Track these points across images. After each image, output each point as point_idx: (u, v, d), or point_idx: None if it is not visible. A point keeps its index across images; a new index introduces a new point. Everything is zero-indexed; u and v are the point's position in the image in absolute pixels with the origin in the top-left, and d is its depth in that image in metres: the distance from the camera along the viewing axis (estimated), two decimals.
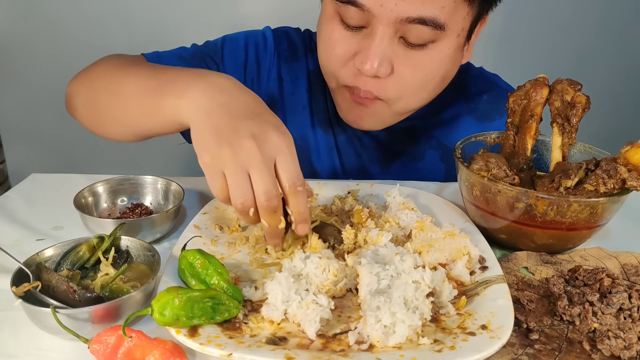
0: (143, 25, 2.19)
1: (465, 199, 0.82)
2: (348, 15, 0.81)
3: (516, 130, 0.85)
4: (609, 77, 2.42)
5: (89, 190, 0.83)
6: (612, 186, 0.71)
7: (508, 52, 2.26)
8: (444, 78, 0.90)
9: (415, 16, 0.77)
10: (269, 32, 1.10)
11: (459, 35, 0.84)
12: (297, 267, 0.64)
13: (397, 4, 0.76)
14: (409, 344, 0.55)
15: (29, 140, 2.29)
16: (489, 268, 0.68)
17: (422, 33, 0.79)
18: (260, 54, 1.08)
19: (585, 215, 0.71)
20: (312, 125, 1.10)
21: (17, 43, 2.21)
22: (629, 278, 0.71)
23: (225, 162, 0.62)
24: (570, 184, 0.73)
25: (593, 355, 0.56)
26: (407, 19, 0.77)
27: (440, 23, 0.78)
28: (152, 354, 0.52)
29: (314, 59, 1.09)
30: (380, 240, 0.70)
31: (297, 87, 1.10)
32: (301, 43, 1.11)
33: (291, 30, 1.13)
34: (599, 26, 2.33)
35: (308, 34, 1.13)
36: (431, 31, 0.79)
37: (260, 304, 0.61)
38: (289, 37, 1.11)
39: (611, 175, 0.71)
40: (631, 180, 0.70)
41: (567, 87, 0.82)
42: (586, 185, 0.72)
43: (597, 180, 0.71)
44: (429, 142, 1.10)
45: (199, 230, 0.77)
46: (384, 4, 0.77)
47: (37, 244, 0.77)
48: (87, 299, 0.60)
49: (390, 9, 0.77)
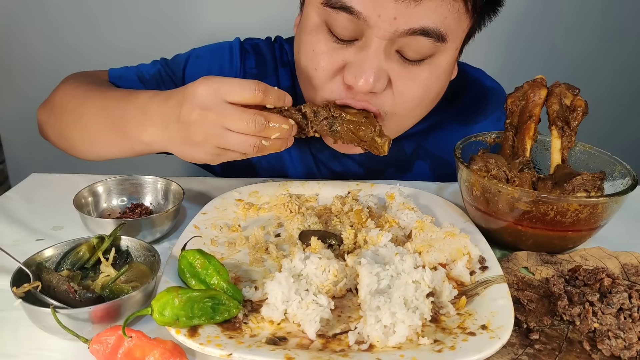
0: (143, 26, 2.19)
1: (465, 199, 0.82)
2: (339, 25, 0.74)
3: (515, 131, 0.86)
4: (610, 77, 2.42)
5: (89, 190, 0.83)
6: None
7: (508, 52, 2.26)
8: (437, 95, 0.85)
9: (418, 27, 0.71)
10: (236, 48, 1.03)
11: (457, 48, 0.80)
12: (297, 268, 0.64)
13: (397, 16, 0.70)
14: (409, 344, 0.55)
15: (29, 140, 2.29)
16: (489, 268, 0.68)
17: (422, 46, 0.74)
18: (225, 74, 1.00)
19: (585, 215, 0.71)
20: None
21: (17, 43, 2.21)
22: (629, 278, 0.71)
23: (207, 152, 0.69)
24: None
25: (593, 355, 0.56)
26: (407, 30, 0.71)
27: (442, 34, 0.73)
28: (152, 354, 0.52)
29: (286, 74, 1.03)
30: (380, 240, 0.70)
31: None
32: (271, 58, 1.04)
33: (262, 42, 1.06)
34: (599, 26, 2.33)
35: (280, 45, 1.06)
36: (432, 44, 0.73)
37: (260, 304, 0.61)
38: (258, 50, 1.04)
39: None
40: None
41: (566, 91, 0.82)
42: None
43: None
44: (416, 152, 1.06)
45: (199, 230, 0.77)
46: (382, 14, 0.70)
47: (37, 244, 0.77)
48: (88, 299, 0.60)
49: (389, 22, 0.71)
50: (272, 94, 0.69)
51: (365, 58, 0.74)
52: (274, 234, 0.80)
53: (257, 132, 0.68)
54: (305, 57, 0.80)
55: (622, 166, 0.81)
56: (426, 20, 0.71)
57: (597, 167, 0.84)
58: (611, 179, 0.81)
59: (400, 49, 0.75)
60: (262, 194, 0.89)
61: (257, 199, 0.88)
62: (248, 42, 1.06)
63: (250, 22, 2.17)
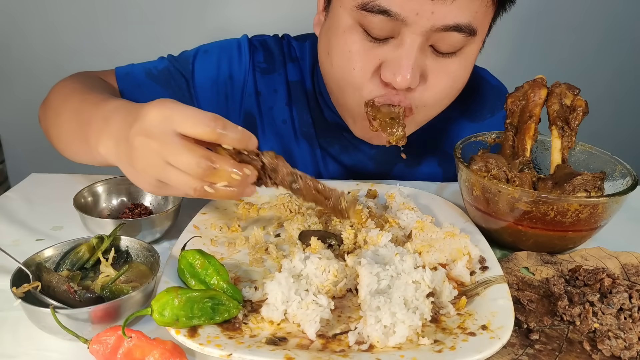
0: (142, 27, 2.19)
1: (465, 199, 0.82)
2: (375, 26, 0.75)
3: (515, 130, 0.85)
4: (610, 77, 2.42)
5: (89, 190, 0.83)
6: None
7: (508, 52, 2.26)
8: (464, 85, 0.86)
9: (452, 24, 0.73)
10: (244, 43, 1.04)
11: (483, 39, 0.82)
12: (297, 268, 0.64)
13: (434, 12, 0.72)
14: (409, 344, 0.55)
15: (28, 140, 2.29)
16: (489, 268, 0.68)
17: (455, 40, 0.76)
18: (234, 68, 1.02)
19: (586, 215, 0.71)
20: (295, 138, 1.06)
21: (17, 44, 2.21)
22: (629, 278, 0.71)
23: (146, 182, 0.62)
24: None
25: (593, 355, 0.56)
26: (443, 27, 0.73)
27: (473, 28, 0.75)
28: (151, 354, 0.52)
29: (294, 69, 1.05)
30: (380, 240, 0.69)
31: (276, 101, 1.04)
32: (279, 53, 1.05)
33: (269, 38, 1.07)
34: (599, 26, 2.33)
35: (287, 42, 1.07)
36: (464, 38, 0.75)
37: (260, 304, 0.61)
38: (266, 46, 1.05)
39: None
40: None
41: (566, 91, 0.82)
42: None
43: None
44: (426, 147, 1.08)
45: (199, 230, 0.77)
46: (420, 12, 0.72)
47: (37, 244, 0.77)
48: (88, 299, 0.60)
49: (427, 18, 0.72)
50: (233, 133, 0.59)
51: (402, 55, 0.75)
52: (274, 234, 0.80)
53: (199, 176, 0.58)
54: (341, 57, 0.81)
55: (622, 166, 0.81)
56: (460, 16, 0.73)
57: (597, 167, 0.84)
58: (611, 179, 0.81)
59: (434, 44, 0.77)
60: (262, 194, 0.89)
61: (257, 199, 0.88)
62: (256, 39, 1.07)
63: (250, 23, 2.18)
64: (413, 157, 1.09)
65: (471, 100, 1.07)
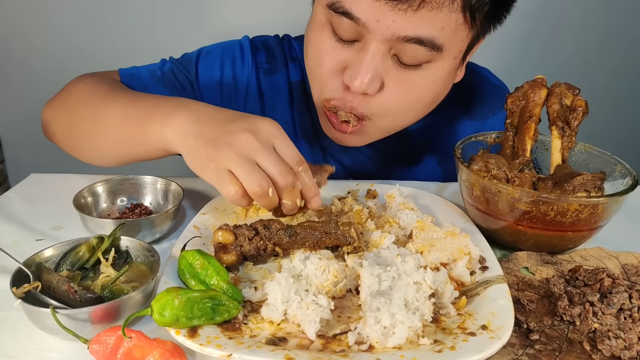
0: (142, 27, 2.19)
1: (465, 199, 0.82)
2: (341, 27, 0.76)
3: (515, 131, 0.85)
4: (610, 76, 2.42)
5: (89, 190, 0.83)
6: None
7: (508, 52, 2.26)
8: (434, 99, 0.85)
9: (413, 36, 0.72)
10: (246, 44, 1.04)
11: (456, 57, 0.80)
12: (297, 268, 0.64)
13: (395, 20, 0.71)
14: (409, 344, 0.55)
15: (28, 140, 2.29)
16: (489, 268, 0.68)
17: (418, 53, 0.75)
18: (237, 69, 1.03)
19: (586, 215, 0.71)
20: (296, 138, 1.06)
21: (17, 43, 2.21)
22: (629, 278, 0.71)
23: (230, 159, 0.64)
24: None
25: (593, 355, 0.56)
26: (403, 37, 0.72)
27: (438, 44, 0.74)
28: (151, 355, 0.52)
29: (295, 69, 1.05)
30: (382, 242, 0.69)
31: (279, 102, 1.05)
32: (281, 53, 1.05)
33: (270, 39, 1.07)
34: (599, 26, 2.33)
35: (288, 42, 1.07)
36: (427, 52, 0.74)
37: (260, 305, 0.61)
38: (267, 47, 1.06)
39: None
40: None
41: (566, 91, 0.82)
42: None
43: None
44: (426, 146, 1.08)
45: (199, 230, 0.77)
46: (380, 19, 0.72)
47: (37, 244, 0.77)
48: (88, 299, 0.60)
49: (387, 26, 0.72)
50: (305, 178, 0.69)
51: (363, 59, 0.76)
52: None
53: (280, 181, 0.65)
54: (312, 52, 0.83)
55: (622, 166, 0.81)
56: (422, 30, 0.72)
57: (597, 167, 0.84)
58: (611, 179, 0.81)
59: (397, 54, 0.76)
60: None
61: None
62: (257, 39, 1.07)
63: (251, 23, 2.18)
64: (413, 157, 1.09)
65: (473, 100, 1.07)
